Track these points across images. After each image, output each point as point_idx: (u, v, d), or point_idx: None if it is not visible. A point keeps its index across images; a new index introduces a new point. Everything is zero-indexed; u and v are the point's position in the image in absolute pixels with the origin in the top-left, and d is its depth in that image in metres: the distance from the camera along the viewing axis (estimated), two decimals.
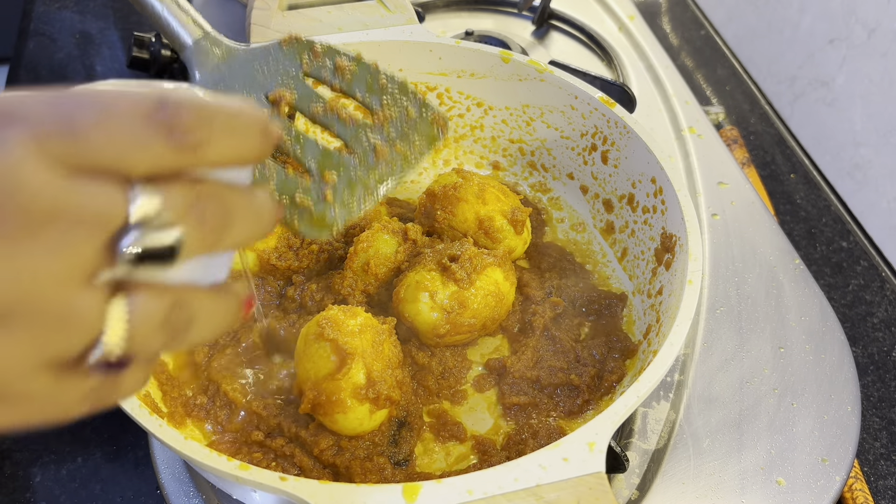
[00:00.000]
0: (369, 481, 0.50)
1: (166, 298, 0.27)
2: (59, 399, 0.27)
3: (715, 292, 0.68)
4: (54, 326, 0.25)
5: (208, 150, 0.26)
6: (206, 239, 0.27)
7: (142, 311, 0.26)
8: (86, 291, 0.25)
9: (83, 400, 0.28)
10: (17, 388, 0.26)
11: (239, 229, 0.29)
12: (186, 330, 0.28)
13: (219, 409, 0.53)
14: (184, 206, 0.26)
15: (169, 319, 0.27)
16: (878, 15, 0.82)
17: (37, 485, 0.58)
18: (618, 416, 0.45)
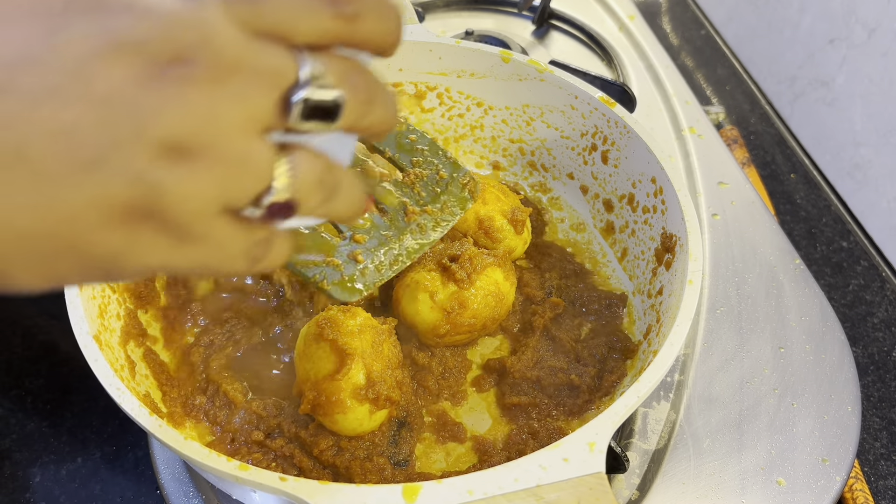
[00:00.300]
0: (369, 481, 0.50)
1: (321, 160, 0.30)
2: (229, 246, 0.29)
3: (715, 292, 0.68)
4: (234, 168, 0.27)
5: (362, 23, 0.29)
6: (358, 109, 0.30)
7: (304, 165, 0.29)
8: (261, 141, 0.28)
9: (246, 252, 0.29)
10: (197, 227, 0.27)
11: (379, 110, 0.31)
12: (334, 195, 0.31)
13: (218, 409, 0.53)
14: (341, 73, 0.29)
15: (323, 179, 0.30)
16: (878, 15, 0.82)
17: (36, 485, 0.58)
18: (618, 417, 0.45)
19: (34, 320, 0.70)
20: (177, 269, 0.29)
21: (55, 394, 0.64)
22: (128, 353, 0.53)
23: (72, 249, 0.26)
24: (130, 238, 0.26)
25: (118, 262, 0.27)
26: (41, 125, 0.24)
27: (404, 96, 0.74)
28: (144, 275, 0.29)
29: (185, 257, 0.28)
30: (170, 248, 0.27)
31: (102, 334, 0.50)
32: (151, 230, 0.27)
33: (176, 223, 0.27)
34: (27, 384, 0.65)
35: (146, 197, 0.26)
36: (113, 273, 0.28)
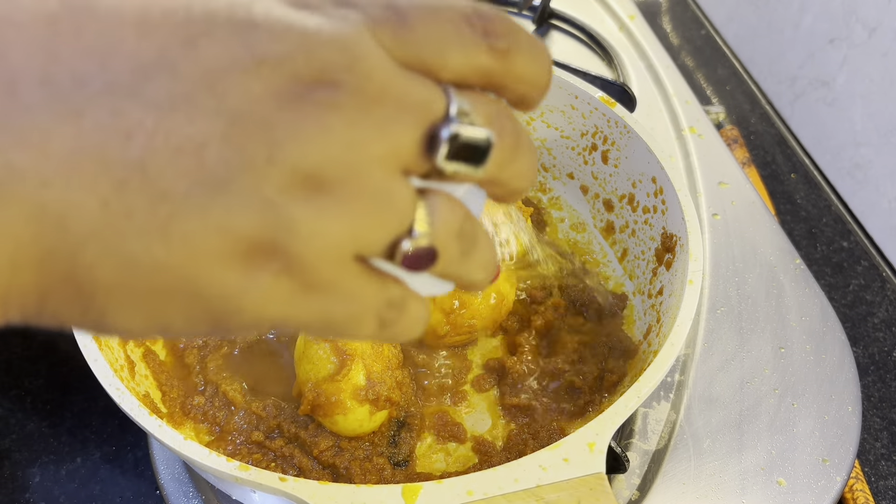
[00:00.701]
0: (369, 482, 0.50)
1: (460, 208, 0.27)
2: (359, 301, 0.25)
3: (715, 292, 0.68)
4: (372, 206, 0.24)
5: (514, 62, 0.26)
6: (505, 155, 0.27)
7: (444, 210, 0.26)
8: (402, 179, 0.24)
9: (377, 313, 0.26)
10: (326, 273, 0.24)
11: (524, 161, 0.28)
12: (473, 249, 0.27)
13: (217, 409, 0.53)
14: (489, 113, 0.26)
15: (463, 230, 0.27)
16: (878, 14, 0.82)
17: (36, 485, 0.58)
18: (618, 417, 0.45)
19: None
20: (296, 323, 0.25)
21: (55, 394, 0.64)
22: (127, 353, 0.53)
23: (183, 287, 0.23)
24: (250, 279, 0.23)
25: (232, 308, 0.24)
26: (165, 138, 0.22)
27: None
28: (257, 328, 0.25)
29: (307, 309, 0.25)
30: (292, 296, 0.24)
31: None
32: (274, 272, 0.23)
33: (303, 265, 0.23)
34: (27, 384, 0.65)
35: (273, 230, 0.23)
36: (223, 321, 0.24)
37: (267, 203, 0.22)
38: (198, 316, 0.24)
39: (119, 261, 0.22)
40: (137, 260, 0.22)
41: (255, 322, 0.24)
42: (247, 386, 0.55)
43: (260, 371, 0.56)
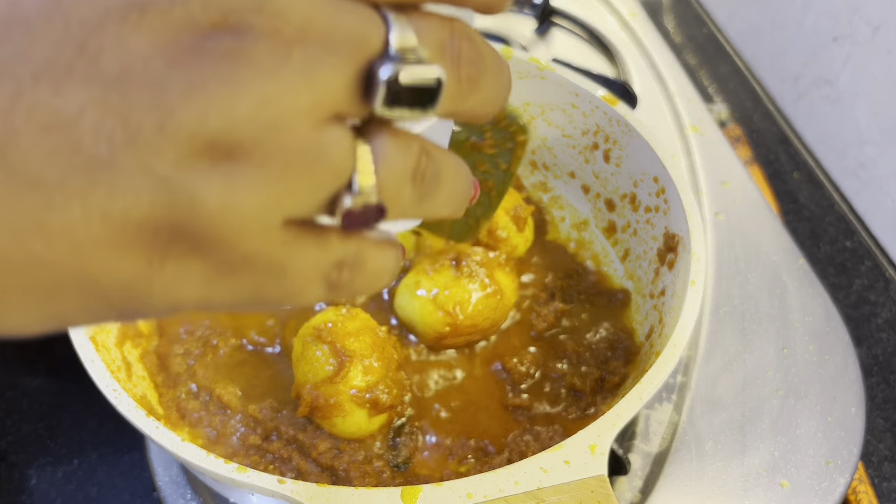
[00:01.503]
0: (368, 484, 0.49)
1: (414, 145, 0.22)
2: (294, 271, 0.22)
3: (718, 292, 0.68)
4: (299, 166, 0.20)
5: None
6: (462, 89, 0.23)
7: (391, 154, 0.22)
8: (334, 129, 0.21)
9: (322, 276, 0.22)
10: (246, 248, 0.20)
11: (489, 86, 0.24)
12: (435, 188, 0.23)
13: (212, 414, 0.53)
14: (439, 40, 0.22)
15: (418, 169, 0.23)
16: (882, 12, 0.82)
17: (32, 487, 0.58)
18: (620, 419, 0.44)
19: None
20: (223, 304, 0.22)
21: (51, 395, 0.63)
22: (124, 355, 0.53)
23: (75, 281, 0.20)
24: (153, 266, 0.20)
25: (138, 298, 0.21)
26: (26, 115, 0.18)
27: None
28: (175, 312, 0.22)
29: (231, 289, 0.21)
30: (209, 280, 0.21)
31: (99, 335, 0.50)
32: (180, 255, 0.20)
33: (215, 245, 0.20)
34: (23, 385, 0.64)
35: (171, 211, 0.19)
36: (130, 310, 0.21)
37: (160, 181, 0.19)
38: (100, 308, 0.21)
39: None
40: (10, 258, 0.19)
41: (171, 308, 0.21)
42: (241, 392, 0.54)
43: (253, 375, 0.56)
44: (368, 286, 0.24)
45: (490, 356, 0.60)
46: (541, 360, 0.58)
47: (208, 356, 0.56)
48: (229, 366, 0.56)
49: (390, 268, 0.25)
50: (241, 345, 0.57)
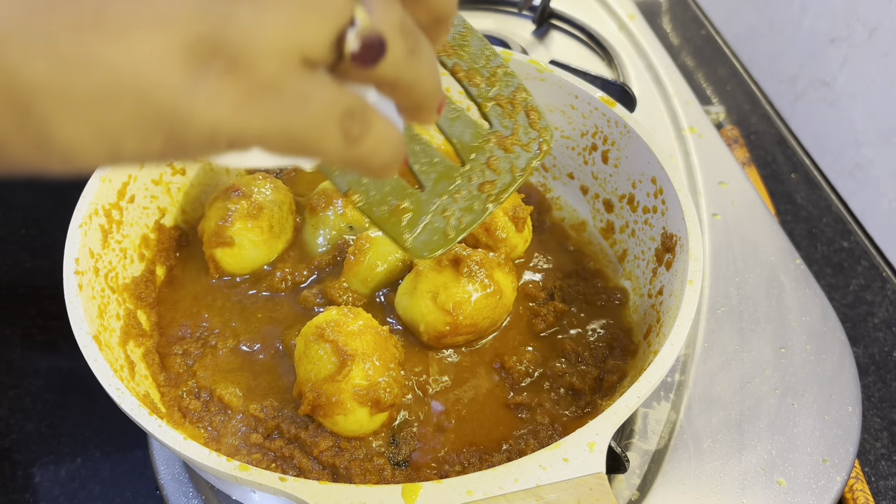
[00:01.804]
0: (369, 482, 0.50)
1: (397, 4, 0.27)
2: (313, 103, 0.25)
3: (716, 292, 0.68)
4: (310, 5, 0.24)
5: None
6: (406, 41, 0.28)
7: (381, 4, 0.26)
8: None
9: (337, 119, 0.26)
10: (271, 69, 0.24)
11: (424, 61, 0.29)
12: (418, 47, 0.27)
13: (213, 414, 0.53)
14: None
15: (404, 24, 0.27)
16: (879, 14, 0.82)
17: (36, 485, 0.58)
18: (618, 417, 0.45)
19: (34, 320, 0.70)
20: (254, 133, 0.25)
21: (55, 394, 0.64)
22: (127, 354, 0.53)
23: (128, 88, 0.23)
24: (196, 78, 0.23)
25: (183, 112, 0.23)
26: None
27: None
28: (215, 143, 0.24)
29: (260, 114, 0.24)
30: (242, 99, 0.24)
31: (102, 334, 0.50)
32: (219, 71, 0.23)
33: (247, 62, 0.24)
34: (26, 384, 0.65)
35: (211, 25, 0.23)
36: (177, 132, 0.24)
37: (201, 4, 0.23)
38: (149, 125, 0.23)
39: (50, 60, 0.22)
40: (70, 57, 0.22)
41: (211, 132, 0.24)
42: (240, 392, 0.55)
43: (252, 376, 0.56)
44: (378, 150, 0.27)
45: (489, 355, 0.60)
46: (540, 359, 0.58)
47: (207, 357, 0.57)
48: (229, 367, 0.56)
49: (394, 138, 0.28)
50: (238, 346, 0.57)
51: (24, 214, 0.78)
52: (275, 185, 0.63)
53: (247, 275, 0.62)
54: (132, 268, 0.58)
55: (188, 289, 0.61)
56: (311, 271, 0.63)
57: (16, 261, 0.74)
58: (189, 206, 0.66)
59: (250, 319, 0.59)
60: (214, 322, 0.59)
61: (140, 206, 0.60)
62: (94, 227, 0.55)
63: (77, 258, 0.51)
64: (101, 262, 0.54)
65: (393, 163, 0.29)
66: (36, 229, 0.77)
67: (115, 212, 0.57)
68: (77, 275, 0.50)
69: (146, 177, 0.61)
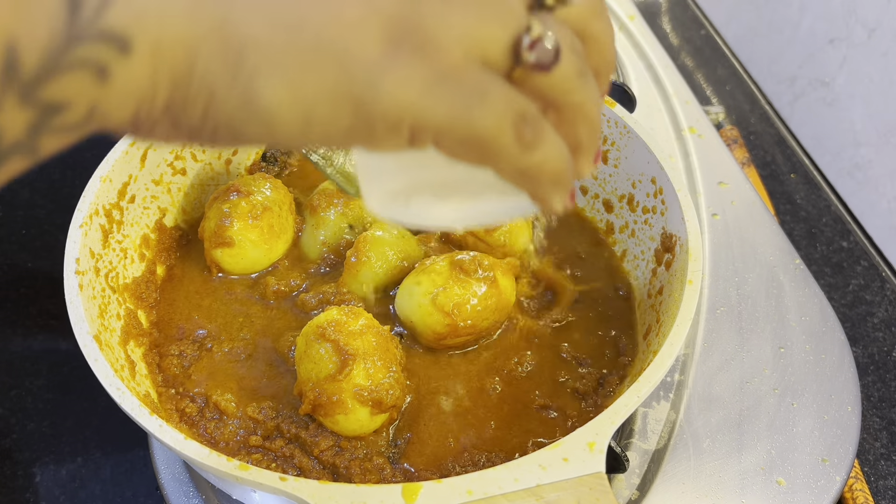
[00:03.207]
0: (369, 481, 0.50)
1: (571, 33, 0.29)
2: (490, 98, 0.26)
3: (715, 292, 0.68)
4: (493, 7, 0.26)
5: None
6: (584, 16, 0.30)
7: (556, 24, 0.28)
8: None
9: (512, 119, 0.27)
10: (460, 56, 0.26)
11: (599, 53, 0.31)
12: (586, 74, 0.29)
13: (207, 420, 0.53)
14: None
15: (575, 46, 0.28)
16: (878, 14, 0.82)
17: (37, 485, 0.58)
18: (618, 416, 0.45)
19: (35, 320, 0.70)
20: (434, 119, 0.26)
21: (55, 394, 0.64)
22: (128, 353, 0.53)
23: (329, 50, 0.25)
24: (389, 56, 0.25)
25: (374, 86, 0.25)
26: None
27: None
28: (398, 120, 0.26)
29: (441, 100, 0.26)
30: (426, 83, 0.26)
31: (102, 334, 0.50)
32: (409, 52, 0.25)
33: (435, 48, 0.25)
34: (27, 384, 0.65)
35: (407, 11, 0.25)
36: (366, 104, 0.25)
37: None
38: (342, 94, 0.25)
39: (266, 16, 0.24)
40: (283, 17, 0.24)
41: (396, 112, 0.25)
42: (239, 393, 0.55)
43: (251, 377, 0.56)
44: (550, 162, 0.29)
45: (490, 356, 0.60)
46: (539, 360, 0.58)
47: (204, 358, 0.56)
48: (227, 367, 0.56)
49: (565, 154, 0.29)
50: (237, 347, 0.57)
51: (24, 214, 0.78)
52: (274, 185, 0.63)
53: (248, 274, 0.62)
54: (133, 268, 0.58)
55: (188, 289, 0.61)
56: (310, 272, 0.63)
57: (16, 261, 0.74)
58: (189, 206, 0.66)
59: (250, 320, 0.60)
60: (214, 322, 0.59)
61: (140, 206, 0.61)
62: (95, 227, 0.55)
63: (77, 258, 0.51)
64: (102, 262, 0.54)
65: (564, 177, 0.30)
66: (36, 229, 0.77)
67: (116, 212, 0.57)
68: (77, 275, 0.51)
69: (147, 177, 0.61)
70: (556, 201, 0.31)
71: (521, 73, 0.28)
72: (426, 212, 0.34)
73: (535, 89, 0.28)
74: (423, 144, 0.27)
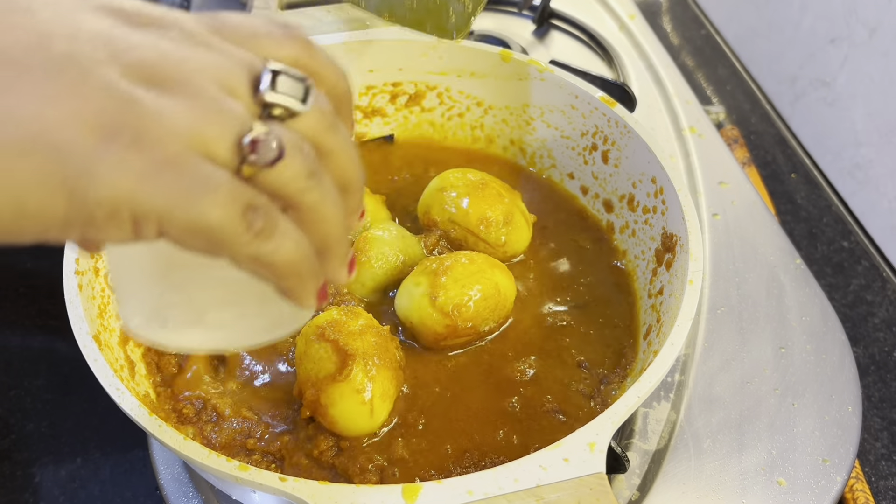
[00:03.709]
0: (369, 482, 0.50)
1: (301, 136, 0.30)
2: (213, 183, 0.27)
3: (716, 292, 0.68)
4: (208, 107, 0.27)
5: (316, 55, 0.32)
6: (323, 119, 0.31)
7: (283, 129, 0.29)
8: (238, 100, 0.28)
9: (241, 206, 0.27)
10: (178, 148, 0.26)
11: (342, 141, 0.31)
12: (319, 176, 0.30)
13: (204, 423, 0.53)
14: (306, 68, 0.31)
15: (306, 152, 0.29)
16: (879, 14, 0.82)
17: (36, 485, 0.58)
18: (618, 417, 0.45)
19: (34, 320, 0.70)
20: (154, 206, 0.26)
21: (55, 394, 0.64)
22: (127, 354, 0.53)
23: (38, 147, 0.25)
24: (103, 146, 0.25)
25: (89, 172, 0.25)
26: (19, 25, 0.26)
27: (405, 96, 0.74)
28: (114, 208, 0.26)
29: (161, 188, 0.26)
30: (144, 171, 0.26)
31: (102, 334, 0.50)
32: (124, 144, 0.26)
33: (150, 139, 0.26)
34: (26, 384, 0.65)
35: (120, 106, 0.26)
36: (79, 191, 0.25)
37: (110, 83, 0.26)
38: (54, 182, 0.25)
39: None
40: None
41: (113, 200, 0.26)
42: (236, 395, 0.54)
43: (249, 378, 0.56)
44: (285, 252, 0.29)
45: (490, 357, 0.60)
46: (539, 360, 0.58)
47: (202, 359, 0.56)
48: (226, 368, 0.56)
49: (300, 247, 0.30)
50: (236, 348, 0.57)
51: None
52: None
53: None
54: None
55: None
56: None
57: (16, 261, 0.74)
58: None
59: None
60: None
61: None
62: None
63: (77, 258, 0.51)
64: (102, 262, 0.54)
65: (304, 269, 0.30)
66: None
67: None
68: (77, 275, 0.50)
69: None
70: (304, 297, 0.31)
71: (250, 169, 0.28)
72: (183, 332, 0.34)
73: (266, 186, 0.29)
74: (149, 234, 0.27)
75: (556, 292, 0.63)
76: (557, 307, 0.62)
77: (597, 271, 0.66)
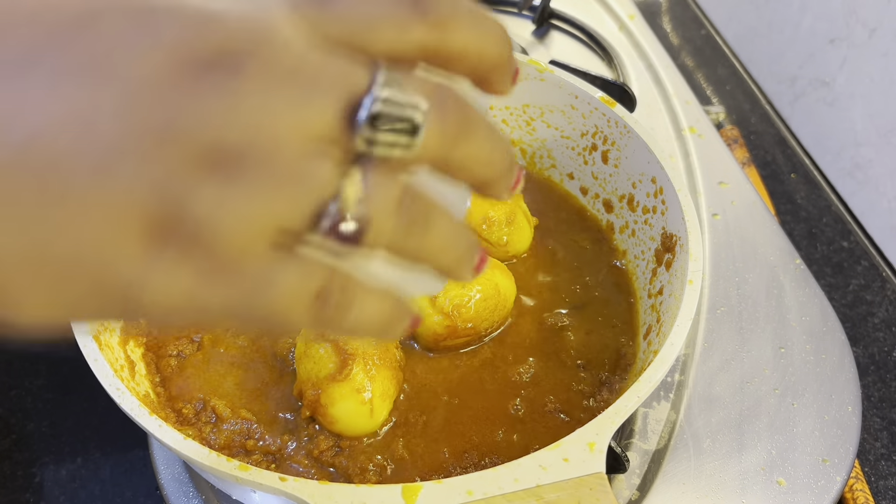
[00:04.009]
0: (369, 482, 0.50)
1: (399, 180, 0.24)
2: (282, 284, 0.24)
3: (715, 292, 0.68)
4: (286, 182, 0.22)
5: (453, 32, 0.25)
6: (445, 130, 0.25)
7: (376, 182, 0.24)
8: (321, 155, 0.23)
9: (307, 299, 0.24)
10: (237, 252, 0.23)
11: (479, 144, 0.26)
12: (423, 229, 0.25)
13: (203, 423, 0.53)
14: (426, 90, 0.24)
15: (404, 203, 0.24)
16: (879, 14, 0.82)
17: (36, 485, 0.58)
18: (618, 417, 0.45)
19: None
20: (212, 307, 0.24)
21: (55, 394, 0.64)
22: (127, 353, 0.53)
23: (86, 264, 0.22)
24: (150, 259, 0.22)
25: (136, 290, 0.23)
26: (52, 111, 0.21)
27: None
28: (170, 313, 0.24)
29: (219, 293, 0.23)
30: (199, 279, 0.23)
31: (102, 334, 0.50)
32: (177, 248, 0.22)
33: (206, 247, 0.22)
34: (27, 384, 0.65)
35: (169, 209, 0.22)
36: (131, 304, 0.23)
37: (161, 183, 0.21)
38: (106, 298, 0.23)
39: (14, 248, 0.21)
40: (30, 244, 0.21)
41: (167, 304, 0.23)
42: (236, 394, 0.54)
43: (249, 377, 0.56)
44: (356, 326, 0.26)
45: (489, 357, 0.60)
46: (539, 360, 0.58)
47: (202, 359, 0.56)
48: (223, 369, 0.56)
49: (380, 316, 0.26)
50: (233, 349, 0.57)
51: None
52: None
53: None
54: None
55: None
56: None
57: None
58: None
59: None
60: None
61: None
62: None
63: None
64: None
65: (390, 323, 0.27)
66: None
67: None
68: None
69: None
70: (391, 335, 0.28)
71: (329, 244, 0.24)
72: None
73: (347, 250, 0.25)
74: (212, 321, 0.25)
75: (555, 292, 0.63)
76: (557, 307, 0.62)
77: (596, 271, 0.66)
